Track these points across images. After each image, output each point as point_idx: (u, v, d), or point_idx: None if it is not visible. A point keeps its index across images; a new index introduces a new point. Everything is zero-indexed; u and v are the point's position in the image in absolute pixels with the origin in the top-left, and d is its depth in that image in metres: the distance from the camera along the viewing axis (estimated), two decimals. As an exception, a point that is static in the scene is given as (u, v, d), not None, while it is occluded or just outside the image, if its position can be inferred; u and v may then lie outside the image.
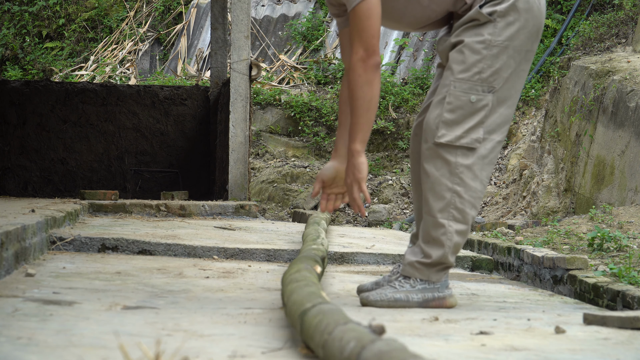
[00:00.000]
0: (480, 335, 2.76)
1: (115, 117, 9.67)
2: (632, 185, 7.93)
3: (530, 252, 4.64)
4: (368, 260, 4.96)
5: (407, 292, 3.36)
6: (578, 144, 9.08)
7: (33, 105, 9.55)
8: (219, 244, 4.89)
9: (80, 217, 5.95)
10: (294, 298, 2.42)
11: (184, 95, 9.80)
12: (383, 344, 1.73)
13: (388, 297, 3.35)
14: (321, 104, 11.73)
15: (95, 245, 4.77)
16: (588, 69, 9.17)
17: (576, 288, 4.10)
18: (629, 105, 8.27)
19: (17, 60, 15.22)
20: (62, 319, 2.69)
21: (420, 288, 3.37)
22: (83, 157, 9.64)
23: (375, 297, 3.36)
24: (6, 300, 3.01)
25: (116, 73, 14.32)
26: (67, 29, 15.47)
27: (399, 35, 12.94)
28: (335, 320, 2.00)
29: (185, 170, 9.70)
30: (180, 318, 2.82)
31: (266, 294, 3.52)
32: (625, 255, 4.65)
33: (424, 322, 2.98)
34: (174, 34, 14.73)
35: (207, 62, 13.73)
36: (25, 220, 4.18)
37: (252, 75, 7.77)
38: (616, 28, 10.07)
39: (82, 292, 3.32)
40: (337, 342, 1.89)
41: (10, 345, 2.23)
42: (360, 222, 10.35)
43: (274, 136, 11.83)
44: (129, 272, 3.99)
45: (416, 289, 3.37)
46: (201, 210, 6.79)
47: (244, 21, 7.73)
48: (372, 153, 11.52)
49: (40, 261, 4.19)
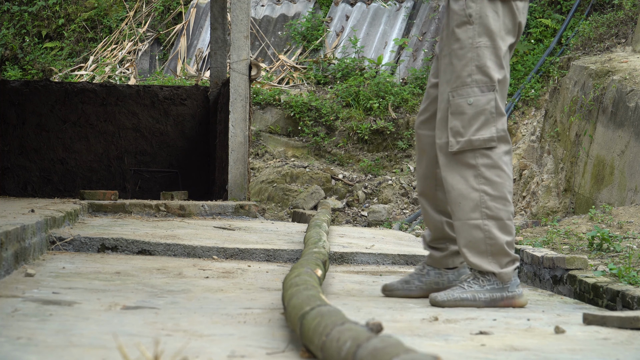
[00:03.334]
0: (480, 335, 2.75)
1: (114, 117, 9.67)
2: (632, 185, 7.92)
3: (529, 252, 4.63)
4: (368, 260, 4.96)
5: (475, 292, 3.43)
6: (578, 144, 9.08)
7: (32, 105, 9.54)
8: (218, 244, 4.89)
9: (79, 217, 5.95)
10: (293, 302, 2.42)
11: (183, 95, 9.79)
12: (378, 341, 1.73)
13: (455, 297, 3.42)
14: (321, 104, 11.73)
15: (94, 245, 4.77)
16: (588, 69, 9.17)
17: (576, 288, 4.10)
18: (628, 105, 8.26)
19: (16, 60, 15.21)
20: (61, 319, 2.69)
21: (489, 288, 3.43)
22: (83, 157, 9.63)
23: (443, 298, 3.43)
24: (6, 300, 3.01)
25: (116, 73, 14.32)
26: (67, 29, 15.47)
27: (398, 35, 12.94)
28: (333, 321, 2.00)
29: (185, 170, 9.70)
30: (180, 318, 2.82)
31: (266, 294, 3.52)
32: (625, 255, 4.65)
33: (424, 322, 2.98)
34: (174, 34, 14.72)
35: (207, 62, 13.72)
36: (24, 220, 4.18)
37: (252, 75, 7.77)
38: (616, 28, 10.07)
39: (81, 292, 3.32)
40: (334, 343, 1.89)
41: (10, 345, 2.23)
42: (359, 222, 10.35)
43: (274, 136, 11.83)
44: (129, 272, 3.99)
45: (485, 289, 3.43)
46: (201, 210, 6.79)
47: (244, 21, 7.73)
48: (372, 153, 11.52)
49: (40, 261, 4.19)
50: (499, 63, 3.42)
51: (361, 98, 11.76)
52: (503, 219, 3.41)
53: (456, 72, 3.41)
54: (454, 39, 3.43)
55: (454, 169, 3.41)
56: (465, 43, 3.41)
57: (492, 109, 3.40)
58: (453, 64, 3.42)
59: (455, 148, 3.39)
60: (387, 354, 1.67)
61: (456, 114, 3.40)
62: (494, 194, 3.39)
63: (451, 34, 3.44)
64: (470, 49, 3.40)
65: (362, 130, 11.48)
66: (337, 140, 11.62)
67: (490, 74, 3.40)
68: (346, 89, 11.94)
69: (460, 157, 3.40)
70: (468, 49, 3.40)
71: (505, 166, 3.43)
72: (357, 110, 11.74)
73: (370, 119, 11.62)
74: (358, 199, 11.01)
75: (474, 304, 3.42)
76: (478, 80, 3.40)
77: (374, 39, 13.12)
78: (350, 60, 12.63)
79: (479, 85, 3.40)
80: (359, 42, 12.87)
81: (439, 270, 3.67)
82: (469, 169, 3.40)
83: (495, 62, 3.41)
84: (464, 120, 3.40)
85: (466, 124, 3.39)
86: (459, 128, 3.39)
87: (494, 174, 3.40)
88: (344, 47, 13.09)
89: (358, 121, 11.61)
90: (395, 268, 4.85)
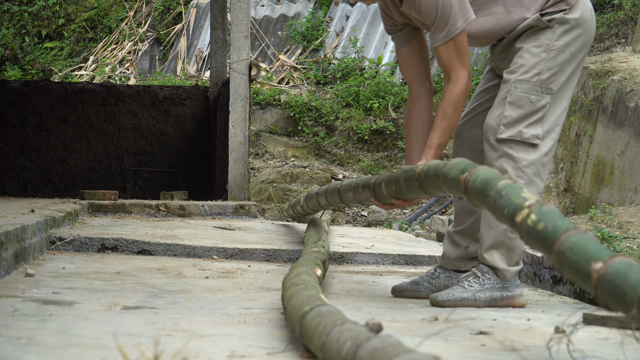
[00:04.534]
0: (480, 335, 2.75)
1: (114, 117, 9.67)
2: (632, 185, 7.92)
3: (529, 252, 4.63)
4: (368, 260, 4.96)
5: (476, 291, 3.44)
6: (578, 144, 9.08)
7: (32, 105, 9.54)
8: (218, 244, 4.89)
9: (79, 217, 5.95)
10: (293, 302, 2.42)
11: (183, 95, 9.79)
12: (378, 341, 1.73)
13: (455, 297, 3.43)
14: (321, 104, 11.73)
15: (94, 245, 4.77)
16: (588, 69, 9.17)
17: (576, 288, 4.10)
18: (628, 105, 8.26)
19: (16, 60, 15.21)
20: (61, 319, 2.69)
21: (489, 287, 3.45)
22: (82, 157, 9.63)
23: (443, 297, 3.44)
24: (6, 300, 3.01)
25: (116, 73, 14.32)
26: (67, 29, 15.47)
27: (398, 35, 12.93)
28: (332, 321, 2.00)
29: (185, 170, 9.70)
30: (180, 318, 2.82)
31: (266, 294, 3.52)
32: (624, 255, 4.65)
33: (424, 322, 2.98)
34: (174, 34, 14.73)
35: (207, 62, 13.72)
36: (24, 220, 4.18)
37: (252, 75, 7.77)
38: (616, 28, 10.07)
39: (81, 292, 3.32)
40: (334, 343, 1.89)
41: (10, 346, 2.23)
42: (359, 222, 10.35)
43: (274, 136, 11.83)
44: (129, 272, 3.99)
45: (485, 288, 3.45)
46: (201, 210, 6.79)
47: (244, 21, 7.73)
48: (372, 153, 11.52)
49: (40, 261, 4.19)
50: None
51: (361, 98, 11.76)
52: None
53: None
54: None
55: (499, 156, 3.47)
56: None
57: (545, 111, 3.52)
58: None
59: (505, 135, 3.46)
60: (387, 354, 1.67)
61: (517, 105, 3.51)
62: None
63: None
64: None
65: (362, 130, 11.48)
66: (337, 140, 11.62)
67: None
68: (346, 89, 11.94)
69: (506, 145, 3.46)
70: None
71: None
72: (357, 110, 11.74)
73: (370, 119, 11.62)
74: (358, 199, 11.00)
75: (474, 304, 3.43)
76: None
77: (374, 39, 13.12)
78: (350, 60, 12.63)
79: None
80: (359, 42, 12.87)
81: (449, 274, 3.68)
82: (512, 159, 3.46)
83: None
84: (520, 113, 3.49)
85: (521, 117, 3.48)
86: (514, 118, 3.49)
87: (532, 172, 3.46)
88: (344, 47, 13.10)
89: (358, 121, 11.61)
90: (395, 268, 4.85)
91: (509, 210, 2.37)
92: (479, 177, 2.61)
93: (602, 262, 1.89)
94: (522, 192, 2.39)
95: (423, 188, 3.10)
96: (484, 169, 2.65)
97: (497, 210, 2.45)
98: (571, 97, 3.59)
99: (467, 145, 3.69)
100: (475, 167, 2.68)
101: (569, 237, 2.07)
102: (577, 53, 3.52)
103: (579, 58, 3.53)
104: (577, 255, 2.00)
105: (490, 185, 2.52)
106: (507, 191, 2.43)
